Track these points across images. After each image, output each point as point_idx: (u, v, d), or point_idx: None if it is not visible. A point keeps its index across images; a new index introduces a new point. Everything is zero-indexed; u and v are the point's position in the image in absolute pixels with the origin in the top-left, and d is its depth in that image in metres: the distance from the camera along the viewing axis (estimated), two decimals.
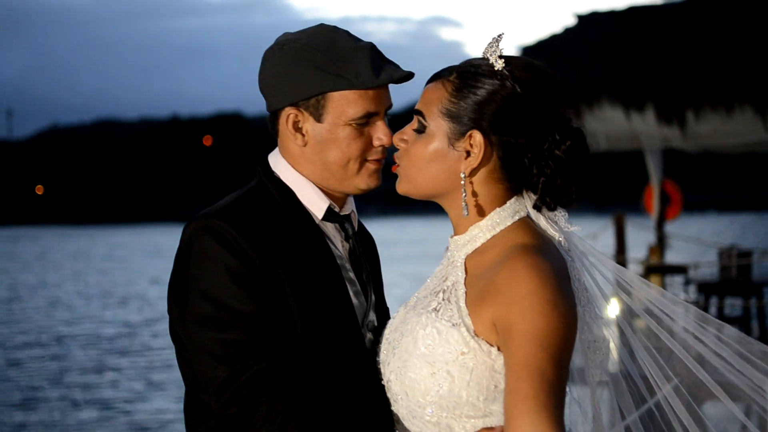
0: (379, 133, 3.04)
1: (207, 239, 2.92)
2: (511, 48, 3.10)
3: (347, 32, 3.07)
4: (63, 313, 29.51)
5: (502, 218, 2.85)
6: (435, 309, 2.83)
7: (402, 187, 2.95)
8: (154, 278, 39.67)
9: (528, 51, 18.82)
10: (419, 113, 2.90)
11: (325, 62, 2.99)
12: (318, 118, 3.03)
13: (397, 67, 3.05)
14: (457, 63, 2.93)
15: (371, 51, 3.03)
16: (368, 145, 3.05)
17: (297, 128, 3.06)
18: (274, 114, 3.10)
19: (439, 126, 2.86)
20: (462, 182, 2.84)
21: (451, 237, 2.94)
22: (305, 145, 3.06)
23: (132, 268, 46.90)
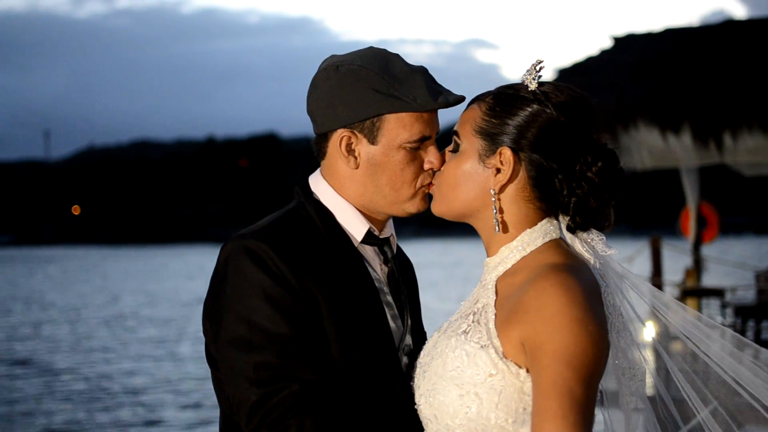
0: (431, 156, 3.03)
1: (244, 259, 2.90)
2: (547, 70, 3.12)
3: (398, 55, 3.07)
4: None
5: (532, 239, 2.85)
6: (464, 331, 2.83)
7: (436, 208, 2.97)
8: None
9: (564, 73, 18.77)
10: (455, 133, 2.92)
11: (382, 84, 2.98)
12: (372, 141, 3.01)
13: (449, 91, 3.04)
14: (493, 85, 2.95)
15: (425, 74, 3.03)
16: (420, 169, 3.04)
17: (350, 150, 3.04)
18: (324, 136, 3.08)
19: (471, 144, 2.88)
20: (492, 199, 2.84)
21: (485, 260, 2.94)
22: (357, 168, 3.04)
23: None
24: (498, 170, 2.84)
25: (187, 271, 61.86)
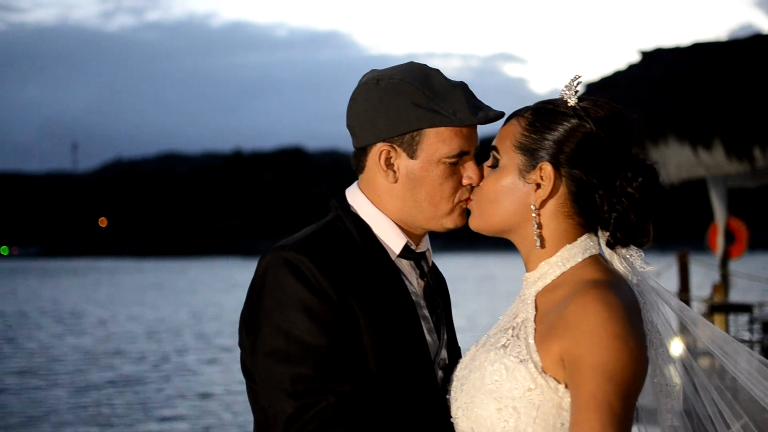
0: (470, 171, 3.03)
1: (283, 271, 2.90)
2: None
3: (438, 70, 3.07)
4: None
5: (572, 254, 2.85)
6: (503, 345, 2.83)
7: (474, 223, 2.98)
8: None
9: (592, 87, 18.72)
10: (494, 149, 2.93)
11: (422, 99, 2.98)
12: (411, 155, 3.01)
13: (489, 106, 3.05)
14: (521, 99, 2.95)
15: (465, 89, 3.04)
16: (458, 184, 3.03)
17: (389, 164, 3.04)
18: (363, 150, 3.08)
19: (511, 159, 2.89)
20: (532, 215, 2.85)
21: (524, 275, 2.94)
22: (396, 182, 3.04)
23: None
24: (538, 185, 2.85)
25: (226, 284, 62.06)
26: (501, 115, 3.02)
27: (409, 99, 2.98)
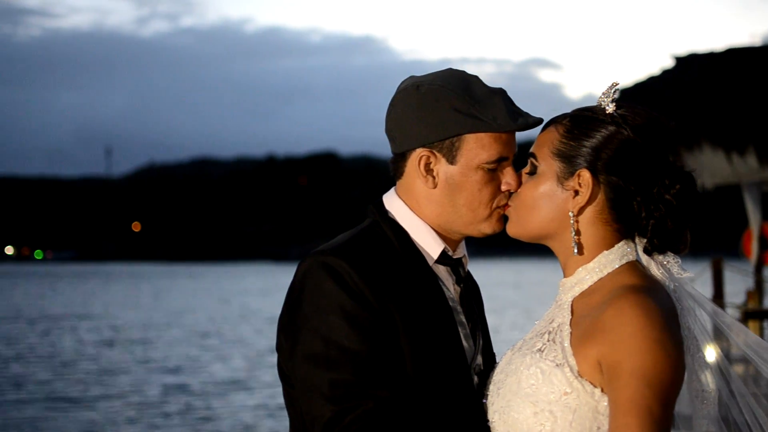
0: (508, 177, 3.03)
1: (322, 276, 2.90)
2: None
3: (478, 77, 3.08)
4: None
5: (609, 261, 2.86)
6: (540, 349, 2.84)
7: (512, 229, 2.99)
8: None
9: (626, 93, 18.68)
10: (532, 155, 2.95)
11: (463, 104, 2.99)
12: (451, 161, 3.02)
13: (528, 113, 3.05)
14: (555, 105, 2.95)
15: (504, 96, 3.04)
16: (497, 190, 3.04)
17: (428, 170, 3.04)
18: (402, 155, 3.09)
19: (549, 166, 2.90)
20: (570, 221, 2.87)
21: (561, 281, 2.96)
22: (435, 187, 3.04)
23: None
24: (576, 192, 2.86)
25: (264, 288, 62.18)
26: (540, 121, 3.02)
27: (449, 105, 2.98)
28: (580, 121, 2.89)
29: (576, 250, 2.86)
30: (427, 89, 3.01)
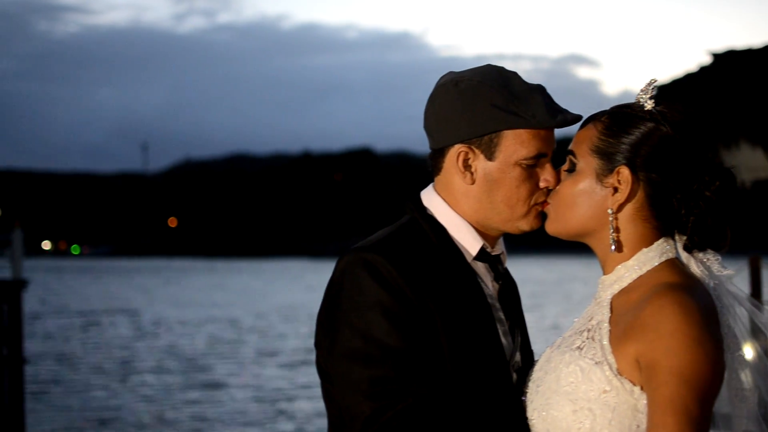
0: (547, 174, 3.02)
1: (361, 272, 2.90)
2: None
3: (516, 73, 3.07)
4: None
5: (648, 258, 2.85)
6: (579, 347, 2.84)
7: (551, 227, 2.98)
8: None
9: (663, 89, 18.55)
10: (571, 153, 2.94)
11: (501, 100, 2.98)
12: (489, 157, 3.01)
13: (567, 110, 3.04)
14: (591, 102, 2.95)
15: (543, 92, 3.04)
16: (535, 187, 3.03)
17: (466, 166, 3.03)
18: (440, 151, 3.08)
19: (588, 163, 2.90)
20: (610, 219, 2.86)
21: (600, 278, 2.95)
22: (473, 183, 3.04)
23: None
24: (615, 189, 2.86)
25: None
26: (579, 118, 3.01)
27: (488, 101, 2.98)
28: (619, 118, 2.88)
29: (614, 248, 2.86)
30: (466, 85, 3.01)
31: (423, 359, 2.85)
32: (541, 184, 3.02)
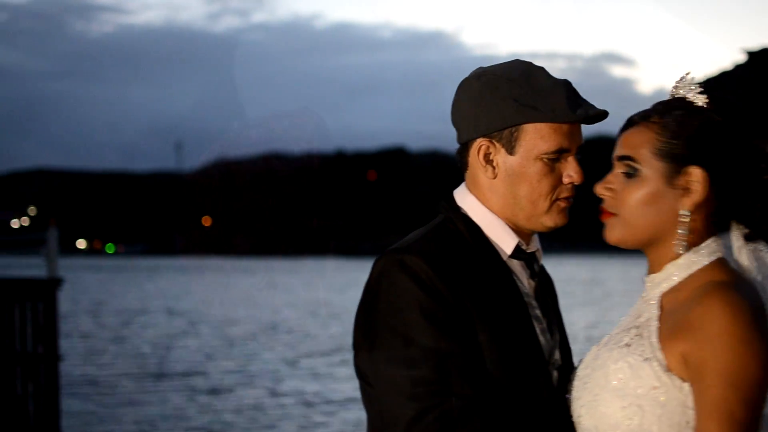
0: (570, 170, 3.00)
1: (398, 274, 2.89)
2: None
3: (543, 68, 3.05)
4: None
5: (698, 257, 2.83)
6: (627, 344, 2.82)
7: (616, 235, 2.91)
8: None
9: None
10: (628, 158, 2.88)
11: (521, 94, 2.97)
12: (510, 151, 2.99)
13: (591, 105, 3.01)
14: (626, 100, 2.93)
15: (568, 87, 3.01)
16: (558, 182, 3.01)
17: (488, 160, 3.02)
18: (465, 145, 3.07)
19: (653, 167, 2.84)
20: (683, 220, 2.82)
21: (646, 276, 2.93)
22: (495, 178, 3.02)
23: None
24: (686, 190, 2.82)
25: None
26: (604, 114, 2.98)
27: (508, 94, 2.96)
28: (677, 117, 2.84)
29: (682, 250, 2.82)
30: (488, 79, 3.00)
31: (463, 359, 2.83)
32: (565, 180, 2.99)
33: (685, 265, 2.83)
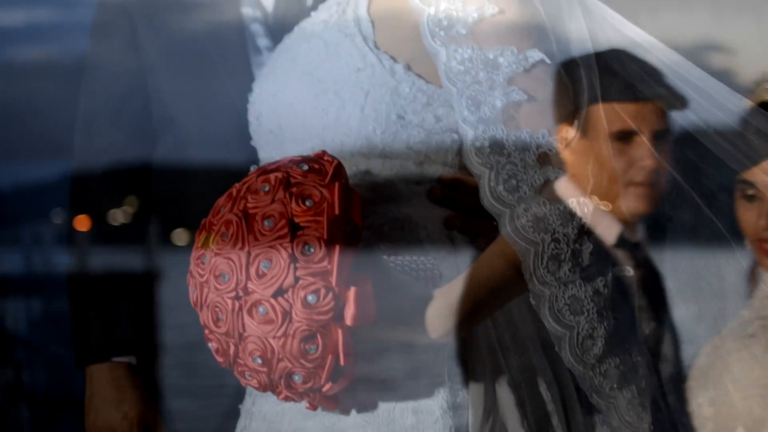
0: (643, 152, 2.96)
1: None
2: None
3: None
4: None
5: None
6: (751, 335, 2.78)
7: None
8: None
9: None
10: None
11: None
12: (584, 133, 2.96)
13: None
14: None
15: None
16: (627, 166, 2.97)
17: (563, 143, 3.00)
18: None
19: None
20: None
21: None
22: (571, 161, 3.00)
23: None
24: None
25: None
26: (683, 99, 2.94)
27: None
28: None
29: None
30: None
31: None
32: (639, 164, 2.94)
33: None
